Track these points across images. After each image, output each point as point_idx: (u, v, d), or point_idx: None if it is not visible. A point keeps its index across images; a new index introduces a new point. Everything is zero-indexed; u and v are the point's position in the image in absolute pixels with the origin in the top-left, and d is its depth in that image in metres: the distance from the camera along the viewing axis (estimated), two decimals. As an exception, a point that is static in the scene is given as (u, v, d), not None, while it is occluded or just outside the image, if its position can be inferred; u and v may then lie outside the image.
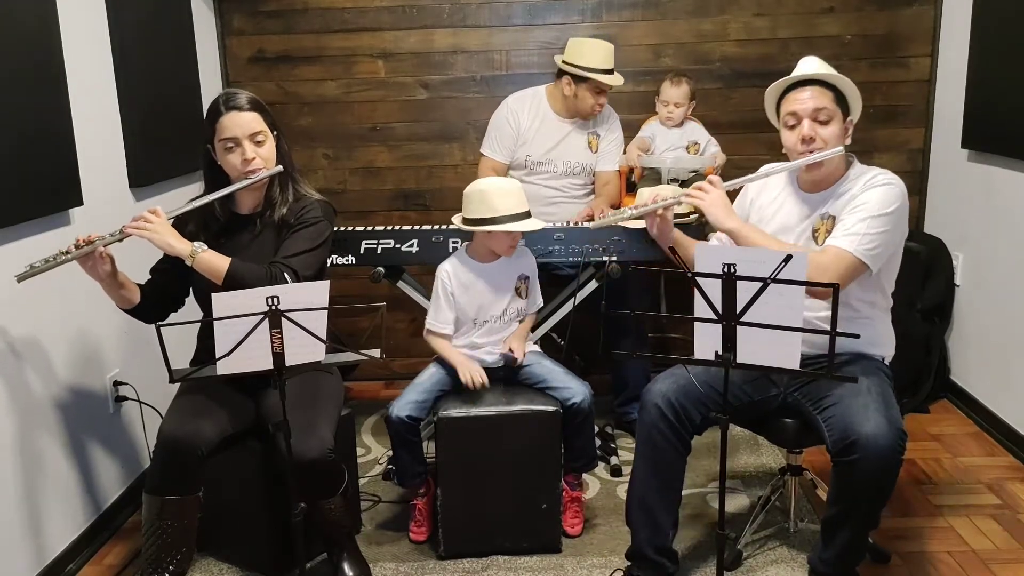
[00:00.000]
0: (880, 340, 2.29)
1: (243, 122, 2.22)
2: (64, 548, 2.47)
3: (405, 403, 2.46)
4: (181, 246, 2.12)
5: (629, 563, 2.32)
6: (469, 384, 2.46)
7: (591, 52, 3.13)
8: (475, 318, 2.54)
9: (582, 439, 2.54)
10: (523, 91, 3.36)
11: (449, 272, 2.53)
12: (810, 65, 2.23)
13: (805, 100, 2.17)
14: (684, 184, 3.20)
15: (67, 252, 2.08)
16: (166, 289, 2.35)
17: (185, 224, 2.27)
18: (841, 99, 2.19)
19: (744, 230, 2.20)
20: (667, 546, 2.26)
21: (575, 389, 2.49)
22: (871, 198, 2.13)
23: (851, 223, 2.12)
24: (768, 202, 2.34)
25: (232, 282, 2.10)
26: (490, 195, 2.42)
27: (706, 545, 2.51)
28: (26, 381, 2.34)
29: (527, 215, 2.47)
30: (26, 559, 2.32)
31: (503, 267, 2.55)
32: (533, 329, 2.98)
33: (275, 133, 2.30)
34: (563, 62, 3.17)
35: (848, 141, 2.20)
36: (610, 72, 3.16)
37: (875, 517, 2.07)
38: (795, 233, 2.26)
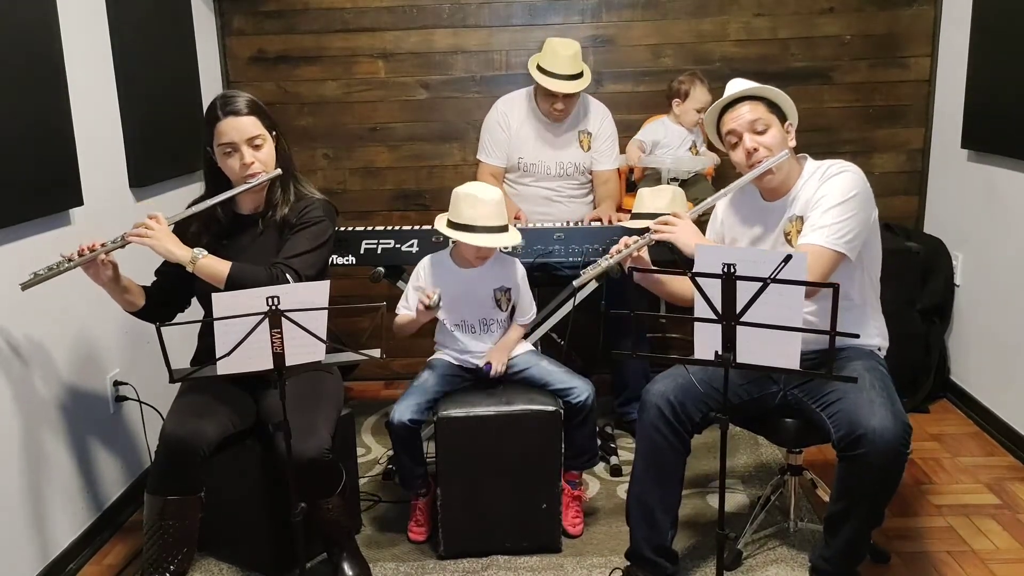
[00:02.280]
0: (872, 332, 2.29)
1: (241, 127, 2.21)
2: (65, 547, 2.47)
3: (406, 407, 2.46)
4: (181, 253, 2.13)
5: (628, 563, 2.33)
6: (426, 301, 2.37)
7: (549, 55, 3.10)
8: (444, 319, 2.52)
9: (584, 435, 2.54)
10: (511, 93, 3.36)
11: (426, 267, 2.53)
12: (736, 85, 2.28)
13: (740, 116, 2.22)
14: (684, 184, 3.20)
15: (70, 259, 2.09)
16: (171, 290, 2.35)
17: (187, 226, 2.28)
18: (774, 108, 2.23)
19: None
20: (665, 545, 2.26)
21: (580, 388, 2.50)
22: (829, 189, 2.15)
23: (816, 218, 2.14)
24: (739, 220, 2.37)
25: (234, 286, 2.10)
26: (463, 202, 2.39)
27: (706, 545, 2.50)
28: (27, 381, 2.34)
29: (502, 228, 2.41)
30: (28, 558, 2.32)
31: (481, 275, 2.52)
32: (533, 329, 2.98)
33: (274, 134, 2.30)
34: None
35: (792, 144, 2.24)
36: (570, 78, 3.08)
37: (879, 513, 2.08)
38: (768, 242, 2.28)
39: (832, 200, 2.13)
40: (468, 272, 2.52)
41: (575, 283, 2.51)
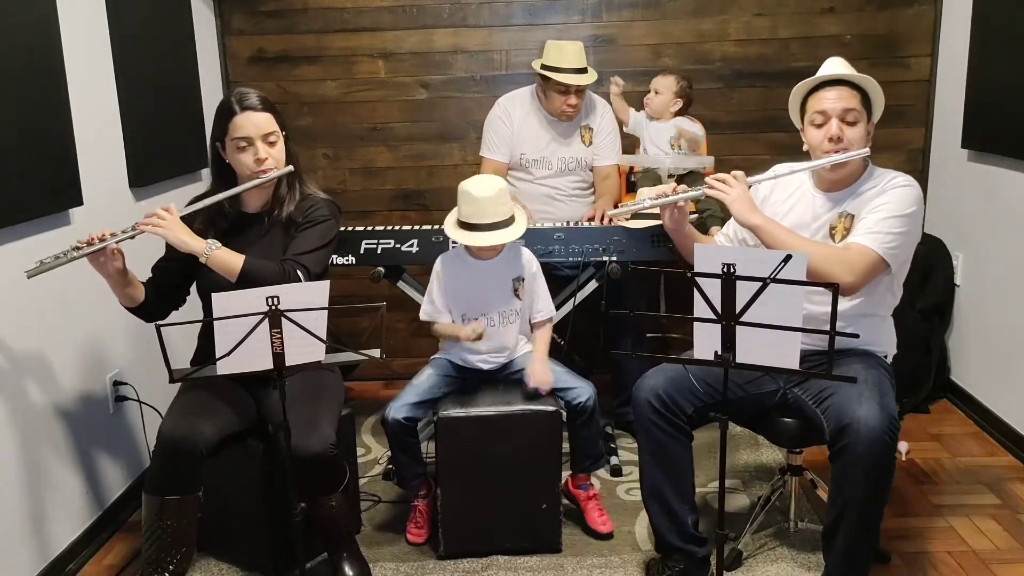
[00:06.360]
0: (884, 339, 2.30)
1: (258, 122, 2.23)
2: (64, 548, 2.47)
3: (401, 405, 2.46)
4: (195, 243, 2.13)
5: (659, 556, 2.33)
6: (471, 336, 2.42)
7: (556, 52, 3.13)
8: (464, 313, 2.52)
9: (587, 438, 2.54)
10: (513, 92, 3.37)
11: (441, 267, 2.53)
12: (836, 66, 2.25)
13: (834, 100, 2.18)
14: (681, 181, 3.19)
15: (78, 248, 2.07)
16: (168, 287, 2.34)
17: (192, 222, 2.26)
18: (866, 101, 2.21)
19: (769, 226, 2.17)
20: (690, 532, 2.27)
21: (581, 388, 2.49)
22: (891, 199, 2.15)
23: (872, 222, 2.13)
24: (782, 199, 2.34)
25: (246, 279, 2.11)
26: (463, 199, 2.39)
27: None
28: (26, 381, 2.34)
29: (504, 223, 2.39)
30: (27, 559, 2.32)
31: (499, 265, 2.52)
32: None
33: (284, 133, 2.31)
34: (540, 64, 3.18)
35: (869, 143, 2.21)
36: (579, 72, 3.12)
37: (872, 519, 2.03)
38: (810, 230, 2.26)
39: (892, 210, 2.13)
40: (488, 263, 2.51)
41: (609, 214, 2.63)
